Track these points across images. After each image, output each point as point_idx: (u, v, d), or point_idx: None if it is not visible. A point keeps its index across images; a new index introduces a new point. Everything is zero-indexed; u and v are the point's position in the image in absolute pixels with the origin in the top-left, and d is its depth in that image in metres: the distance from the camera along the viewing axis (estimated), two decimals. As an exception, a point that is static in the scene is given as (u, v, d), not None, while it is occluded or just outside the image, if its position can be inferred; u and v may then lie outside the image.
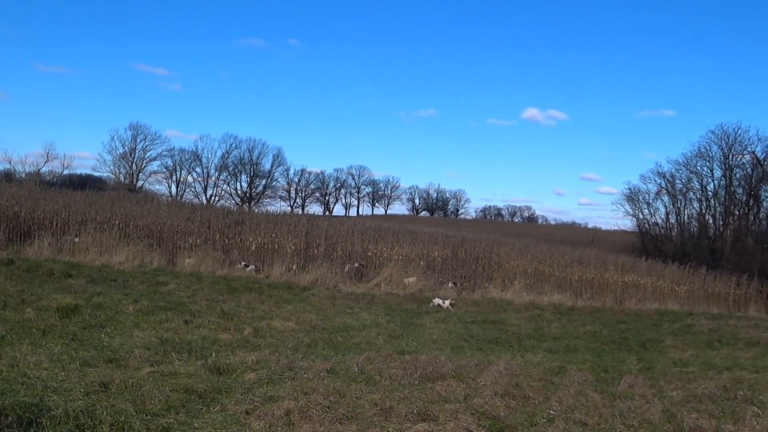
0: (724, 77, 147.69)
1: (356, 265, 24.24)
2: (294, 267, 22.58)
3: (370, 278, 23.20)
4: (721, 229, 50.60)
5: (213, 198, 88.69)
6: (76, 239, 20.87)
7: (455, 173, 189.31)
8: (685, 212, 57.97)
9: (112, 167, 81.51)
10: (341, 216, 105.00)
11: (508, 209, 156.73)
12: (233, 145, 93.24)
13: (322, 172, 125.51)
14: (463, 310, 19.38)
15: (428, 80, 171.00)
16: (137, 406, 6.48)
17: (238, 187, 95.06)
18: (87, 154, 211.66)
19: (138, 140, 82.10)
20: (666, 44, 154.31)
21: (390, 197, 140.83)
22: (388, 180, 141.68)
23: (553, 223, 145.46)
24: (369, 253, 25.81)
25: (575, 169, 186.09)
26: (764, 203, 47.94)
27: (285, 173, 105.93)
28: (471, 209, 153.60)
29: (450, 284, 24.37)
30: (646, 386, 9.79)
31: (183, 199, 74.03)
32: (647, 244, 60.21)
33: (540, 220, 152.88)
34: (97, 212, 23.39)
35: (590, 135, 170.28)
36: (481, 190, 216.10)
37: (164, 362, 8.86)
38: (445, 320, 16.78)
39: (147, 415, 6.22)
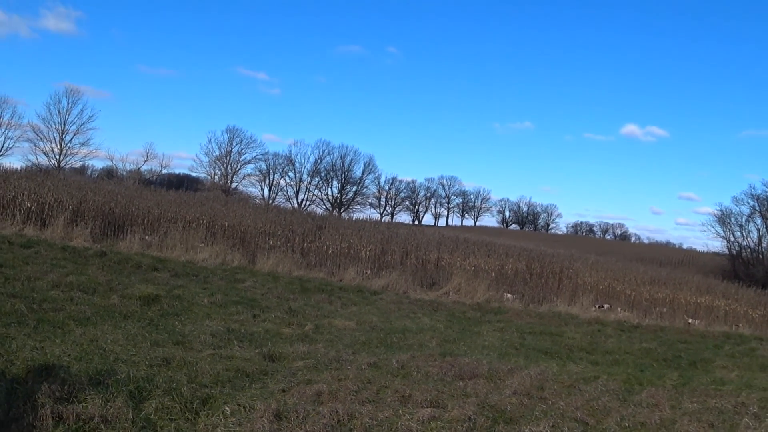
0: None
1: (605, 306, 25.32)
2: (367, 272, 23.63)
3: (441, 286, 24.06)
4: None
5: (304, 202, 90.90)
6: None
7: (548, 187, 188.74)
8: (779, 236, 57.01)
9: (208, 168, 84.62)
10: (429, 225, 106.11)
11: (600, 226, 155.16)
12: (326, 151, 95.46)
13: (413, 181, 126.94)
14: (525, 321, 20.02)
15: (526, 92, 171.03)
16: (190, 378, 7.64)
17: (329, 193, 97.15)
18: (185, 154, 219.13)
19: (234, 143, 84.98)
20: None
21: (480, 209, 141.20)
22: (479, 191, 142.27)
23: (645, 241, 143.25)
24: (442, 263, 26.72)
25: (673, 188, 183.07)
26: None
27: (376, 181, 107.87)
28: (562, 224, 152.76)
29: (507, 295, 24.98)
30: (664, 398, 10.40)
31: (275, 203, 76.15)
32: (737, 267, 59.42)
33: (633, 239, 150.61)
34: (186, 211, 24.96)
35: (691, 153, 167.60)
36: (575, 206, 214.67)
37: (225, 347, 9.98)
38: (503, 330, 17.50)
39: (196, 385, 7.35)
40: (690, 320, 27.10)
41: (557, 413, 8.16)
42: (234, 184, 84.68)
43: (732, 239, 62.23)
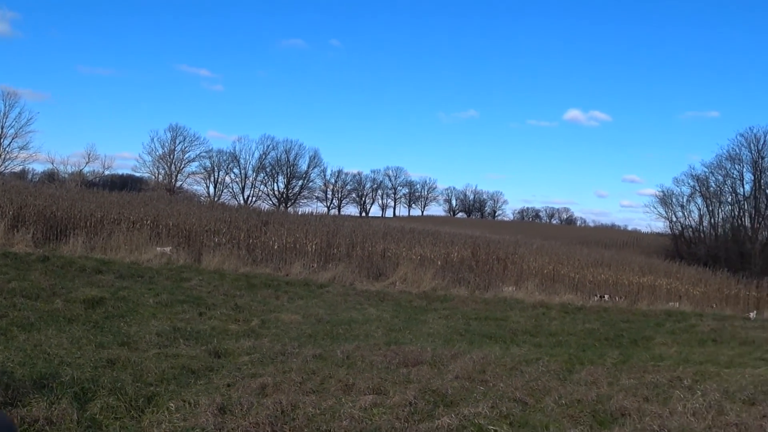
0: None
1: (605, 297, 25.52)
2: (314, 265, 23.78)
3: (387, 277, 24.30)
4: (751, 233, 50.90)
5: (250, 198, 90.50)
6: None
7: (494, 175, 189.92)
8: (719, 215, 58.41)
9: (151, 168, 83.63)
10: (376, 217, 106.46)
11: (546, 211, 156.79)
12: (270, 146, 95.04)
13: (359, 173, 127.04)
14: (471, 307, 20.34)
15: (470, 81, 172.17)
16: (135, 377, 7.75)
17: (275, 188, 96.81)
18: (128, 154, 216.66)
19: (177, 141, 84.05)
20: (712, 43, 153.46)
21: (427, 198, 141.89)
22: (425, 181, 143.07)
23: (591, 225, 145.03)
24: (388, 253, 26.95)
25: (617, 171, 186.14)
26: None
27: (321, 174, 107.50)
28: (508, 211, 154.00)
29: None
30: (603, 375, 10.75)
31: (220, 200, 75.71)
32: (680, 246, 60.72)
33: (579, 222, 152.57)
34: (130, 212, 24.80)
35: (633, 136, 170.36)
36: (521, 192, 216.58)
37: (171, 346, 10.06)
38: (448, 317, 17.79)
39: (142, 384, 7.46)
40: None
41: (497, 394, 8.41)
42: (178, 183, 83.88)
43: (674, 219, 63.61)
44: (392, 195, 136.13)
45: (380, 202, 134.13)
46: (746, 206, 52.74)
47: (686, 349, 16.30)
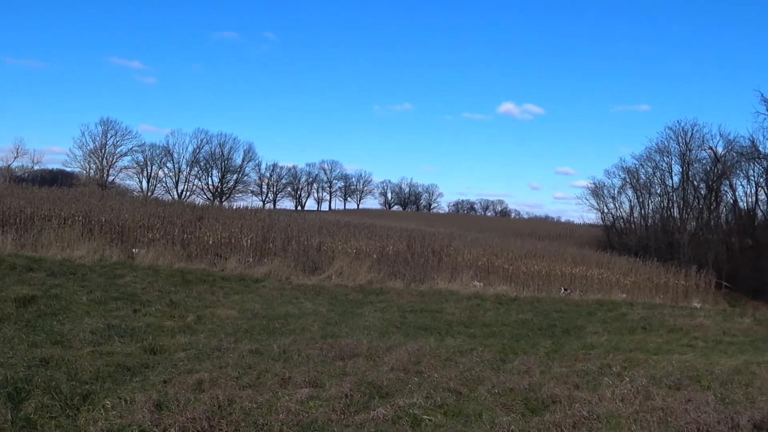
0: (698, 72, 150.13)
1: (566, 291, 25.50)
2: (249, 260, 23.72)
3: (323, 270, 24.36)
4: (679, 223, 52.10)
5: (184, 193, 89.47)
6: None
7: (430, 167, 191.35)
8: (649, 206, 59.64)
9: (82, 162, 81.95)
10: (312, 211, 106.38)
11: (480, 203, 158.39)
12: (204, 140, 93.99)
13: (294, 167, 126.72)
14: (406, 300, 20.52)
15: (405, 74, 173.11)
16: (70, 375, 7.71)
17: (210, 182, 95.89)
18: (58, 148, 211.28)
19: (108, 135, 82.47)
20: (642, 38, 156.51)
21: (362, 191, 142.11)
22: (361, 174, 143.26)
23: (525, 217, 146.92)
24: (324, 247, 27.02)
25: (551, 164, 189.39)
26: (723, 198, 49.39)
27: (256, 168, 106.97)
28: (444, 203, 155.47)
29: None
30: (536, 364, 11.02)
31: (154, 195, 74.72)
32: (612, 237, 61.91)
33: (513, 214, 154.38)
34: (61, 208, 24.41)
35: (566, 129, 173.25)
36: (456, 185, 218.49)
37: (106, 344, 9.98)
38: (384, 309, 17.94)
39: (77, 382, 7.42)
40: (563, 290, 28.22)
41: (432, 385, 8.59)
42: (110, 178, 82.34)
43: (605, 211, 64.80)
44: (328, 188, 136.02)
45: (316, 195, 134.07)
46: (675, 197, 53.86)
47: (616, 338, 16.71)
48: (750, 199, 47.60)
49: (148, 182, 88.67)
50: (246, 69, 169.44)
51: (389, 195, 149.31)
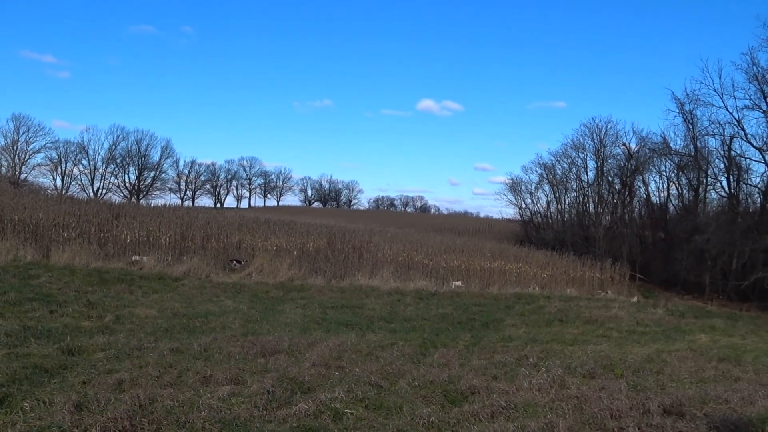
0: (612, 71, 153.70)
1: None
2: (168, 258, 23.46)
3: (243, 268, 24.25)
4: (595, 218, 53.34)
5: (100, 191, 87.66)
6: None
7: (350, 164, 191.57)
8: (565, 201, 60.95)
9: (-7, 160, 79.61)
10: (231, 208, 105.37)
11: (401, 199, 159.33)
12: (120, 136, 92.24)
13: (213, 164, 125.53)
14: (327, 296, 20.62)
15: (325, 71, 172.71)
16: (-15, 379, 7.58)
17: (126, 180, 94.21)
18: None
19: (20, 132, 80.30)
20: (559, 36, 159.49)
21: (282, 188, 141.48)
22: (280, 171, 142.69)
23: (445, 212, 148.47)
24: (244, 244, 26.89)
25: (470, 160, 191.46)
26: (637, 192, 50.73)
27: (174, 165, 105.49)
28: (364, 200, 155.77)
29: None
30: (455, 357, 11.27)
31: (68, 193, 72.98)
32: (529, 232, 63.17)
33: (432, 210, 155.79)
34: (-29, 208, 23.76)
35: (485, 126, 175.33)
36: (376, 181, 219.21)
37: (21, 345, 9.79)
38: (305, 306, 18.02)
39: (-8, 386, 7.31)
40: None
41: (353, 379, 8.71)
42: (23, 176, 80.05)
43: (523, 206, 66.11)
44: (247, 185, 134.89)
45: (235, 192, 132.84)
46: (590, 192, 55.15)
47: (534, 330, 17.13)
48: (662, 194, 49.11)
49: (62, 180, 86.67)
50: (163, 64, 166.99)
51: (309, 192, 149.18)
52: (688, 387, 9.71)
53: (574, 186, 58.38)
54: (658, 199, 49.47)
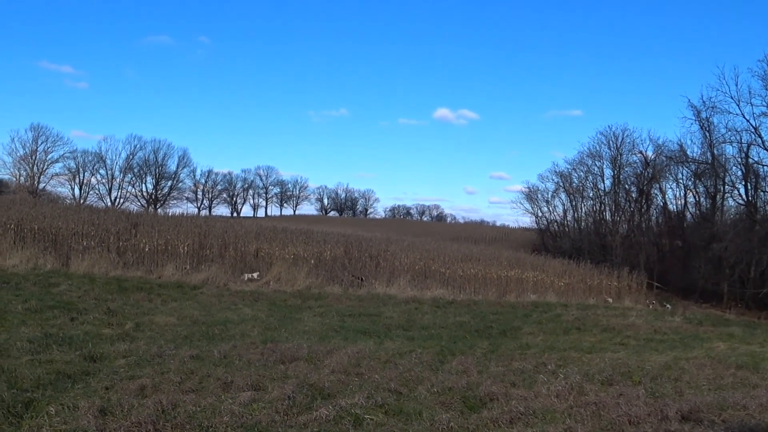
0: (628, 78, 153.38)
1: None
2: (186, 267, 23.60)
3: (261, 276, 24.35)
4: (611, 226, 53.26)
5: (117, 200, 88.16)
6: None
7: (366, 173, 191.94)
8: (582, 209, 60.89)
9: (12, 169, 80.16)
10: (248, 217, 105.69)
11: (417, 208, 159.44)
12: (138, 146, 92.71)
13: (230, 173, 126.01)
14: (345, 305, 20.68)
15: (340, 80, 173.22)
16: (10, 384, 7.69)
17: (144, 189, 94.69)
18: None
19: (39, 142, 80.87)
20: (574, 45, 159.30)
21: (298, 197, 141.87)
22: (297, 180, 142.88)
23: (461, 221, 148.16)
24: (261, 253, 27.00)
25: (485, 168, 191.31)
26: (654, 200, 50.65)
27: (191, 174, 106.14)
28: (380, 209, 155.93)
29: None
30: (473, 364, 11.29)
31: (86, 202, 73.47)
32: (546, 240, 63.16)
33: (449, 219, 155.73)
34: (-9, 216, 23.97)
35: (500, 134, 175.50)
36: (392, 190, 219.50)
37: (44, 352, 9.92)
38: (323, 314, 18.07)
39: (17, 391, 7.43)
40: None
41: (372, 386, 8.77)
42: (42, 185, 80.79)
43: (540, 214, 66.20)
44: (264, 194, 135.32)
45: (252, 201, 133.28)
46: (607, 201, 55.19)
47: (551, 338, 17.14)
48: (679, 202, 49.10)
49: (80, 189, 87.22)
50: (180, 74, 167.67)
51: (326, 201, 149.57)
52: (706, 394, 9.70)
53: (591, 194, 58.42)
54: (675, 207, 49.48)
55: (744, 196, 40.52)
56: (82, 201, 76.32)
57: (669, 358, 13.46)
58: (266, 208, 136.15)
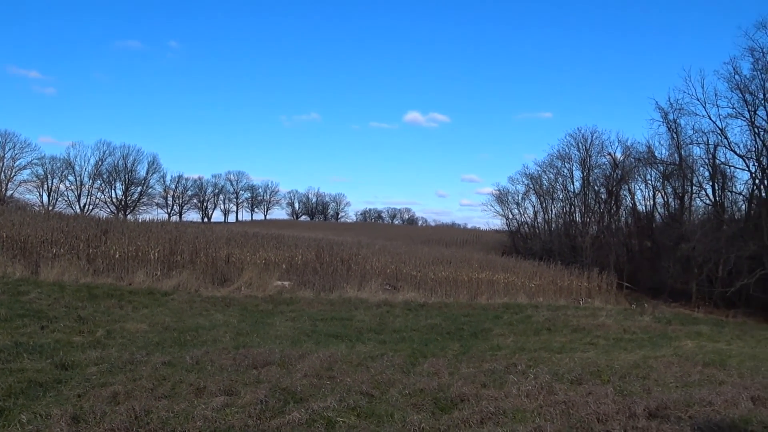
0: (597, 81, 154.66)
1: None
2: (157, 273, 23.52)
3: (233, 282, 24.32)
4: (581, 227, 53.68)
5: (87, 207, 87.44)
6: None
7: (337, 177, 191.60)
8: (552, 211, 61.34)
9: (-22, 177, 79.38)
10: (219, 222, 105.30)
11: (388, 212, 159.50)
12: (107, 152, 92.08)
13: (200, 178, 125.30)
14: (316, 309, 20.70)
15: (311, 84, 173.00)
16: (-19, 393, 7.68)
17: (113, 195, 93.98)
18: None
19: (6, 148, 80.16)
20: (545, 47, 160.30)
21: (269, 202, 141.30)
22: (267, 185, 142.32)
23: (432, 224, 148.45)
24: (233, 258, 26.96)
25: (457, 171, 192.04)
26: (623, 202, 51.15)
27: (161, 180, 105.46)
28: (351, 213, 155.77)
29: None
30: (444, 366, 11.41)
31: (55, 209, 72.79)
32: (517, 242, 63.57)
33: (420, 222, 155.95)
34: (-42, 225, 23.76)
35: (471, 137, 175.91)
36: (363, 194, 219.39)
37: (14, 361, 9.87)
38: (295, 319, 18.10)
39: (-11, 400, 7.42)
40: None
41: (344, 389, 8.85)
42: (9, 192, 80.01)
43: (510, 216, 66.64)
44: (234, 199, 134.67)
45: (222, 207, 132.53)
46: (576, 202, 55.63)
47: (522, 339, 17.30)
48: (648, 203, 49.65)
49: (49, 196, 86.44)
50: (149, 78, 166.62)
51: (297, 205, 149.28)
52: (673, 391, 9.90)
53: (561, 196, 58.88)
54: (644, 207, 50.02)
55: (711, 197, 41.09)
56: (50, 208, 75.54)
57: (638, 357, 13.67)
58: (237, 213, 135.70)
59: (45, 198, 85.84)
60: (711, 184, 41.10)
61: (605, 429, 7.41)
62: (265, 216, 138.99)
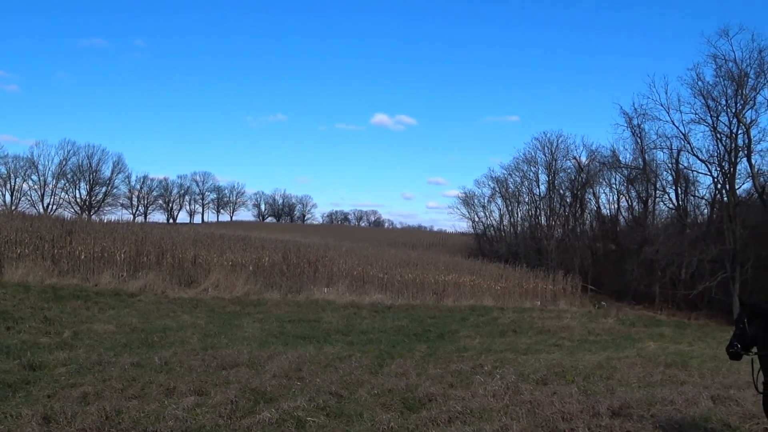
0: (563, 85, 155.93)
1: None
2: (123, 274, 23.41)
3: (199, 283, 24.26)
4: (547, 230, 54.08)
5: (51, 207, 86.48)
6: None
7: (303, 178, 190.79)
8: (518, 214, 61.68)
9: (-62, 177, 78.25)
10: (185, 223, 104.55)
11: (354, 214, 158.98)
12: (71, 151, 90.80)
13: (166, 179, 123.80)
14: (284, 311, 20.76)
15: (278, 85, 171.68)
16: (-51, 394, 7.66)
17: (77, 195, 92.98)
18: None
19: (-33, 148, 79.03)
20: (512, 50, 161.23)
21: (235, 203, 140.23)
22: (234, 186, 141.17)
23: (399, 227, 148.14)
24: (199, 260, 26.87)
25: (423, 174, 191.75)
26: (588, 205, 51.59)
27: (126, 180, 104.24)
28: (318, 214, 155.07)
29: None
30: (412, 367, 11.54)
31: (18, 209, 71.87)
32: (483, 245, 63.64)
33: (386, 224, 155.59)
34: None
35: (438, 139, 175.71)
36: (330, 195, 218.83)
37: (-19, 362, 9.89)
38: (262, 320, 18.15)
39: (-43, 400, 7.41)
40: None
41: (314, 389, 8.96)
42: (-30, 192, 79.10)
43: (476, 219, 66.68)
44: (200, 200, 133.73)
45: (188, 207, 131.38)
46: (542, 205, 55.96)
47: (488, 340, 17.49)
48: (612, 206, 50.17)
49: (11, 196, 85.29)
50: (115, 77, 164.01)
51: (263, 206, 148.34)
52: (636, 391, 10.13)
53: (527, 199, 59.14)
54: (608, 211, 50.53)
55: (674, 201, 41.76)
56: (13, 207, 74.55)
57: (602, 358, 13.91)
58: (203, 214, 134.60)
59: (8, 197, 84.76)
60: (674, 188, 41.77)
61: (570, 427, 7.58)
62: (231, 217, 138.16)
